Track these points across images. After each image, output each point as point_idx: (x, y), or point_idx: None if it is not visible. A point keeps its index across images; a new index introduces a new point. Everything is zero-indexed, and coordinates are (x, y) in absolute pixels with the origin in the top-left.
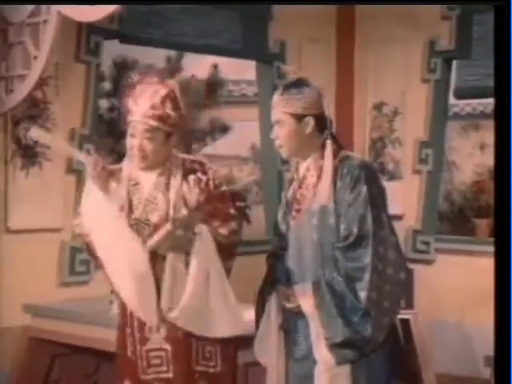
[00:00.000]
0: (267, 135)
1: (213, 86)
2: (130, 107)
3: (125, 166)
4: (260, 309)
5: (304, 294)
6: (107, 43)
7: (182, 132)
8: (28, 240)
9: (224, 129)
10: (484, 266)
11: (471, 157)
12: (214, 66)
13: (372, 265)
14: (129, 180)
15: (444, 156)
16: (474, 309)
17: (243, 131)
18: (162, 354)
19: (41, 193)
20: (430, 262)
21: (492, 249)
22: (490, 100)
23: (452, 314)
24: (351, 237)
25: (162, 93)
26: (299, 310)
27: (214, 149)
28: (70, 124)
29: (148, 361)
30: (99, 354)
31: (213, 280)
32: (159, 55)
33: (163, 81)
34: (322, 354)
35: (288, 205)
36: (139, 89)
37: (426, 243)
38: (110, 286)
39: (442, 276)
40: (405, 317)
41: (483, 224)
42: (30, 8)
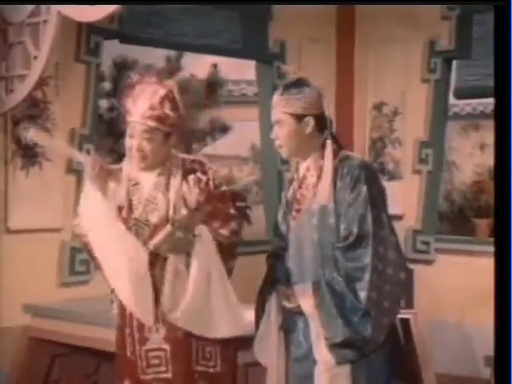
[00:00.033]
0: (267, 135)
1: (213, 85)
2: (128, 108)
3: (125, 166)
4: (260, 309)
5: (304, 294)
6: (107, 43)
7: (182, 132)
8: (28, 240)
9: (224, 129)
10: (484, 266)
11: (471, 157)
12: (214, 66)
13: (372, 265)
14: (128, 180)
15: (444, 156)
16: (474, 309)
17: (243, 131)
18: (161, 354)
19: (41, 193)
20: (429, 262)
21: (492, 249)
22: (490, 100)
23: (452, 314)
24: (351, 237)
25: (160, 93)
26: (299, 309)
27: (214, 149)
28: (70, 124)
29: (147, 361)
30: (99, 354)
31: (214, 281)
32: (159, 55)
33: (161, 81)
34: (322, 354)
35: (288, 205)
36: (138, 89)
37: (426, 243)
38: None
39: (442, 276)
40: (405, 317)
41: (483, 224)
42: (29, 8)
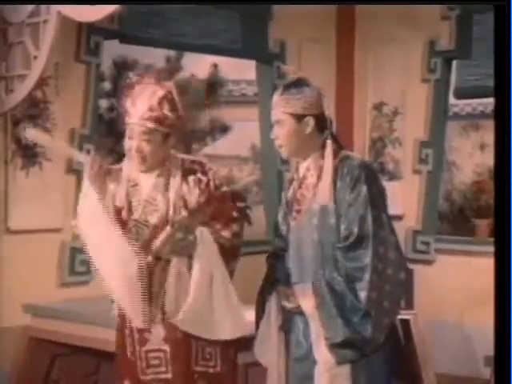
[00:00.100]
0: (267, 135)
1: (213, 85)
2: (127, 109)
3: (125, 167)
4: (260, 309)
5: (304, 294)
6: (107, 43)
7: (181, 132)
8: (28, 240)
9: (224, 129)
10: (484, 266)
11: (471, 157)
12: (214, 66)
13: (372, 265)
14: (128, 181)
15: (444, 156)
16: (474, 309)
17: (243, 131)
18: (160, 354)
19: (41, 193)
20: (429, 262)
21: (492, 249)
22: (490, 100)
23: (452, 314)
24: (351, 237)
25: (159, 94)
26: (299, 310)
27: (214, 149)
28: (70, 124)
29: (147, 361)
30: (99, 354)
31: (216, 283)
32: (159, 55)
33: (160, 82)
34: (322, 354)
35: (288, 205)
36: (136, 90)
37: (426, 243)
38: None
39: (442, 276)
40: (405, 317)
41: (483, 224)
42: (29, 8)
